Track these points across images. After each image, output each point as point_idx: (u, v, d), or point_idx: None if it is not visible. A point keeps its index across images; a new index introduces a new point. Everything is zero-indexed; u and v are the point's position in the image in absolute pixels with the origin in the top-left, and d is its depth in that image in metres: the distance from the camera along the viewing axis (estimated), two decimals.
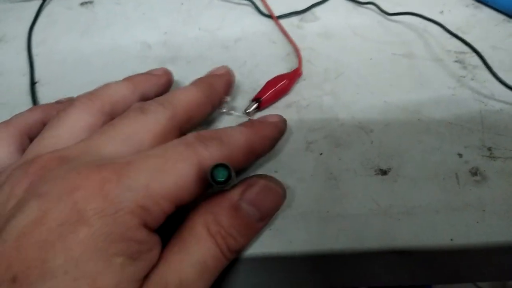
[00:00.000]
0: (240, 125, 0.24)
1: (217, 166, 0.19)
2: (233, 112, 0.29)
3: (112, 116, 0.24)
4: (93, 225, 0.16)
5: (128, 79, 0.27)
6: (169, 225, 0.20)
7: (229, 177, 0.19)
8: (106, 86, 0.26)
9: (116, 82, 0.26)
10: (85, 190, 0.17)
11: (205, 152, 0.20)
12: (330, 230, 0.23)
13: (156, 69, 0.29)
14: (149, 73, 0.28)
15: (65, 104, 0.27)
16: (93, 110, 0.23)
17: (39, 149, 0.21)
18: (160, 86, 0.28)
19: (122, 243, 0.17)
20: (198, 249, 0.19)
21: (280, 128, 0.26)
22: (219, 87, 0.27)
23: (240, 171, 0.25)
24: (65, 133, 0.22)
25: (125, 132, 0.21)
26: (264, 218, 0.22)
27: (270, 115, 0.26)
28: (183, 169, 0.19)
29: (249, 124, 0.25)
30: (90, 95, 0.24)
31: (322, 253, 0.22)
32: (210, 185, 0.20)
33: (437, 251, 0.22)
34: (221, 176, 0.19)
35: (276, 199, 0.23)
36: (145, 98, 0.26)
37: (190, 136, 0.21)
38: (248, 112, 0.29)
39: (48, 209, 0.17)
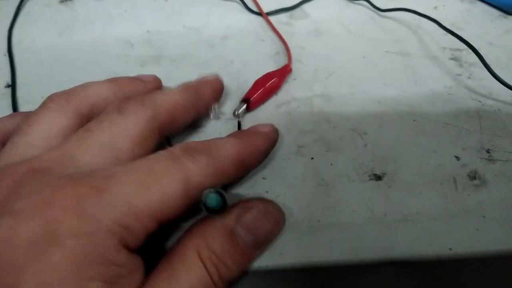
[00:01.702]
0: (230, 136, 0.23)
1: (210, 191, 0.18)
2: (221, 115, 0.28)
3: (89, 118, 0.22)
4: (67, 246, 0.15)
5: (112, 80, 0.25)
6: (152, 246, 0.19)
7: (223, 205, 0.18)
8: (85, 85, 0.24)
9: (98, 82, 0.24)
10: (60, 208, 0.16)
11: (192, 167, 0.18)
12: (322, 240, 0.21)
13: (145, 75, 0.27)
14: (137, 78, 0.27)
15: None
16: (68, 113, 0.22)
17: (11, 157, 0.20)
18: (146, 93, 0.26)
19: (99, 266, 0.15)
20: (187, 277, 0.17)
21: (272, 139, 0.24)
22: (205, 93, 0.26)
23: (230, 184, 0.24)
24: (37, 139, 0.21)
25: (102, 138, 0.20)
26: (260, 246, 0.20)
27: (261, 124, 0.25)
28: (168, 185, 0.18)
29: (239, 134, 0.23)
30: (65, 95, 0.22)
31: (314, 266, 0.21)
32: (202, 209, 0.19)
33: (435, 261, 0.21)
34: (215, 203, 0.18)
35: (274, 225, 0.21)
36: None
37: (177, 148, 0.19)
38: (237, 114, 0.27)
39: (19, 227, 0.15)
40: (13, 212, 0.16)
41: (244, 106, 0.27)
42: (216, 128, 0.27)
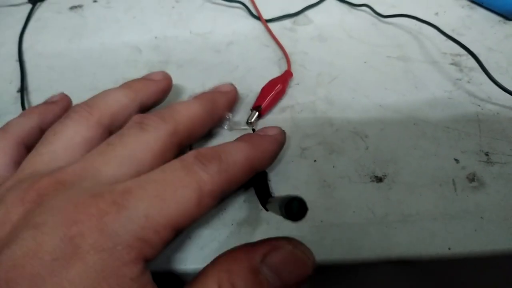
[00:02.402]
0: (239, 139, 0.23)
1: (291, 199, 0.17)
2: (235, 127, 0.28)
3: (110, 127, 0.23)
4: (88, 260, 0.16)
5: (127, 86, 0.26)
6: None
7: (304, 211, 0.17)
8: (105, 94, 0.24)
9: (115, 90, 0.25)
10: (83, 224, 0.16)
11: (205, 176, 0.19)
12: (325, 240, 0.22)
13: (154, 73, 0.28)
14: (147, 78, 0.27)
15: (59, 105, 0.26)
16: (91, 123, 0.22)
17: (35, 167, 0.20)
18: (160, 92, 0.27)
19: (115, 280, 0.16)
20: None
21: (280, 141, 0.24)
22: (221, 103, 0.26)
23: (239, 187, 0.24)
24: (61, 148, 0.21)
25: (124, 152, 0.20)
26: None
27: (269, 127, 0.25)
28: (184, 196, 0.18)
29: (248, 138, 0.23)
30: (87, 106, 0.23)
31: (316, 264, 0.21)
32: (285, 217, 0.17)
33: (434, 260, 0.22)
34: (296, 210, 0.17)
35: (302, 271, 0.19)
36: (144, 105, 0.26)
37: (190, 157, 0.20)
38: (251, 122, 0.28)
39: (43, 241, 0.16)
40: (37, 226, 0.16)
41: (257, 114, 0.28)
42: (229, 137, 0.28)
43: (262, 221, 0.23)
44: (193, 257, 0.22)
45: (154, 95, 0.27)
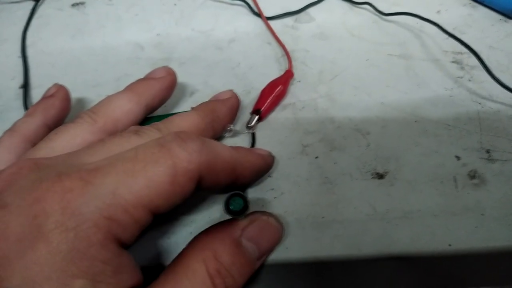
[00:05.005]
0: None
1: (232, 195, 0.19)
2: (236, 134, 0.28)
3: (113, 133, 0.23)
4: (52, 242, 0.15)
5: (131, 89, 0.25)
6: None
7: (245, 207, 0.19)
8: (109, 100, 0.24)
9: (119, 95, 0.25)
10: (45, 202, 0.16)
11: (182, 153, 0.17)
12: (326, 236, 0.22)
13: (157, 70, 0.27)
14: (151, 77, 0.27)
15: (58, 97, 0.26)
16: (94, 129, 0.22)
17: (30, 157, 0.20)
18: (164, 90, 0.27)
19: (84, 262, 0.15)
20: None
21: (267, 161, 0.24)
22: (222, 113, 0.26)
23: (218, 190, 0.24)
24: (59, 146, 0.21)
25: (112, 149, 0.19)
26: (262, 256, 0.21)
27: (259, 148, 0.25)
28: (154, 171, 0.17)
29: (236, 147, 0.23)
30: (92, 113, 0.23)
31: (318, 260, 0.22)
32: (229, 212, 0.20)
33: (435, 257, 0.22)
34: (236, 205, 0.19)
35: (275, 237, 0.22)
36: (150, 106, 0.26)
37: (169, 135, 0.18)
38: (251, 126, 0.28)
39: (10, 221, 0.15)
40: (5, 205, 0.16)
41: (257, 118, 0.28)
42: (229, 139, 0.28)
43: None
44: None
45: (159, 95, 0.26)
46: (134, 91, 0.25)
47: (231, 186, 0.21)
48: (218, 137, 0.27)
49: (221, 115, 0.26)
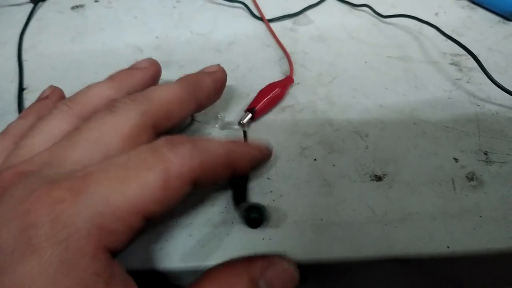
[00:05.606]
0: (221, 139, 0.23)
1: (250, 207, 0.19)
2: (227, 127, 0.28)
3: None
4: (43, 254, 0.15)
5: (111, 77, 0.25)
6: None
7: (262, 219, 0.19)
8: (87, 88, 0.24)
9: (98, 83, 0.24)
10: (35, 213, 0.15)
11: (174, 158, 0.18)
12: (325, 238, 0.22)
13: (141, 61, 0.27)
14: (133, 67, 0.26)
15: (52, 99, 0.26)
16: (70, 117, 0.22)
17: (13, 160, 0.20)
18: (147, 79, 0.26)
19: (75, 274, 0.15)
20: None
21: (264, 153, 0.24)
22: (205, 84, 0.25)
23: (218, 186, 0.24)
24: (39, 141, 0.21)
25: (90, 136, 0.19)
26: None
27: (257, 141, 0.25)
28: (146, 177, 0.17)
29: (232, 139, 0.23)
30: (68, 101, 0.23)
31: (316, 262, 0.22)
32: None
33: (433, 259, 0.22)
34: (255, 217, 0.19)
35: (292, 284, 0.20)
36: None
37: (160, 140, 0.19)
38: (242, 123, 0.28)
39: (1, 233, 0.15)
40: None
41: (249, 116, 0.28)
42: (221, 135, 0.28)
43: None
44: (194, 254, 0.22)
45: (141, 83, 0.25)
46: (114, 80, 0.25)
47: (232, 176, 0.21)
48: (216, 136, 0.27)
49: (204, 86, 0.25)
